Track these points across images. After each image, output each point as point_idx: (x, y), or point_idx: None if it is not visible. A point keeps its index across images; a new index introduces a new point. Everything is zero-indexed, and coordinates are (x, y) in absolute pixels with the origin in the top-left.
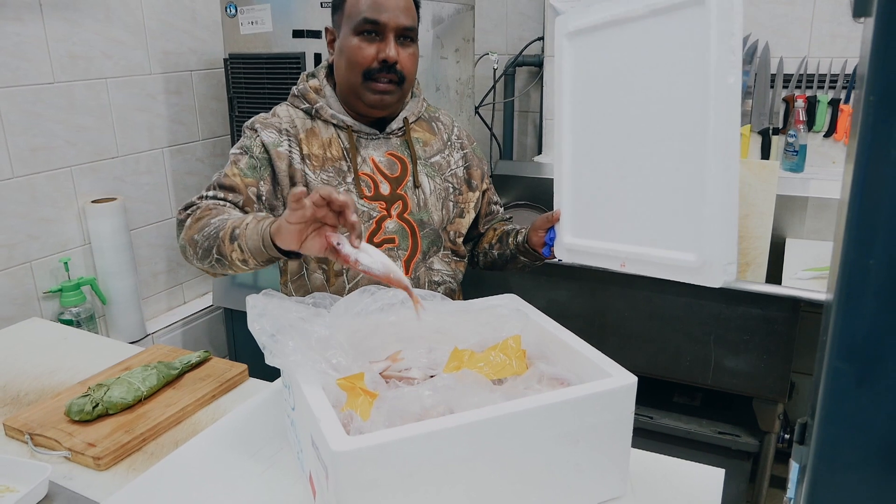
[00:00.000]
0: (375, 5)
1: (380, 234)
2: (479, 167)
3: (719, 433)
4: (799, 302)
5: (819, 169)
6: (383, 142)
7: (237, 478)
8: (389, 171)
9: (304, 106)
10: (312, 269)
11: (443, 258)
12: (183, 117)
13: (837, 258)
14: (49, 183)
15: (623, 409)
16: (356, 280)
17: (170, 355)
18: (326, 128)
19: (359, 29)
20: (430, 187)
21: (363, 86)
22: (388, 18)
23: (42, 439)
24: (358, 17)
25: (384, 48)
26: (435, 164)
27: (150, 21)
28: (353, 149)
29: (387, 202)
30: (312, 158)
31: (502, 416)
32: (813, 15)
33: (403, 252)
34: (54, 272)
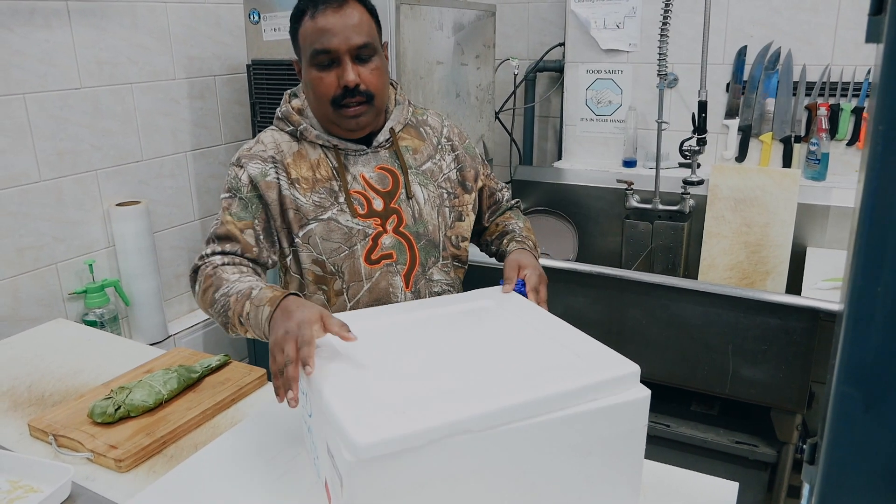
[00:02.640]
0: (322, 33)
1: (377, 251)
2: (471, 167)
3: (737, 443)
4: (818, 312)
5: (841, 177)
6: (372, 156)
7: (254, 482)
8: (381, 186)
9: (288, 129)
10: (312, 291)
11: (442, 268)
12: (206, 121)
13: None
14: (75, 186)
15: (636, 422)
16: (357, 298)
17: (190, 359)
18: (314, 149)
19: (313, 61)
20: (423, 196)
21: (335, 114)
22: (338, 43)
23: (65, 440)
24: (310, 50)
25: (343, 73)
26: (427, 172)
27: (174, 27)
28: (341, 168)
29: (381, 218)
30: (302, 181)
31: (514, 428)
32: (837, 22)
33: (402, 267)
34: (79, 274)
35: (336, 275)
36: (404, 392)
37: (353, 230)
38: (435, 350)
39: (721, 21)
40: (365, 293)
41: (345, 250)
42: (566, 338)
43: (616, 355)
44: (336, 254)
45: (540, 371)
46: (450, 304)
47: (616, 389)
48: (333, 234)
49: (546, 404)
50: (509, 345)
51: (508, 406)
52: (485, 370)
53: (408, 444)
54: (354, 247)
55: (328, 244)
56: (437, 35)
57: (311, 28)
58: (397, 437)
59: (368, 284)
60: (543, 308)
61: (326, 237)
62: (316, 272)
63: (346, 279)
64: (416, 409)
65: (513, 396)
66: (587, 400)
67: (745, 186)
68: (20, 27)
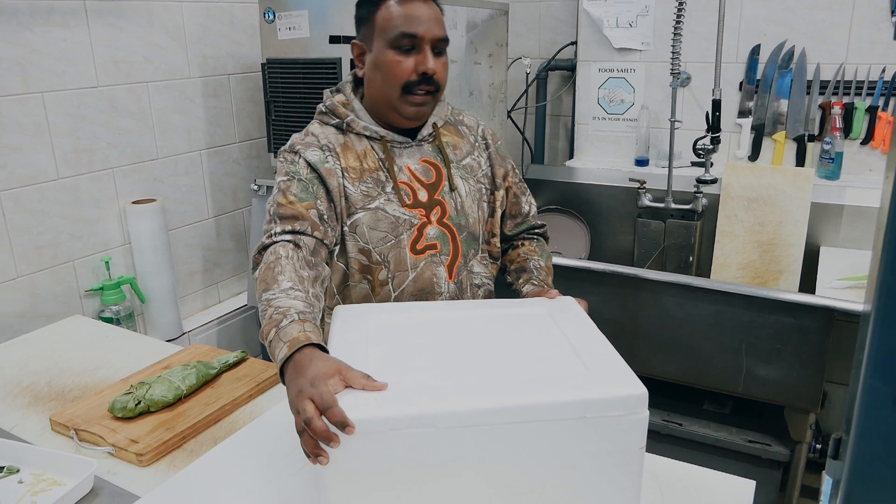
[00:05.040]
0: (411, 18)
1: (421, 240)
2: (501, 165)
3: (749, 442)
4: (833, 311)
5: (855, 176)
6: (416, 149)
7: (273, 475)
8: (425, 178)
9: (333, 122)
10: (357, 281)
11: (481, 260)
12: (220, 120)
13: (875, 273)
14: (92, 184)
15: (629, 442)
16: (402, 288)
17: (208, 355)
18: (359, 140)
19: (395, 43)
20: (465, 189)
21: (401, 99)
22: (424, 31)
23: (87, 434)
24: (394, 32)
25: (423, 61)
26: (467, 167)
27: (190, 26)
28: (389, 158)
29: (426, 209)
30: (350, 171)
31: (480, 430)
32: (851, 21)
33: (445, 257)
34: (96, 271)
35: (382, 264)
36: (397, 383)
37: (399, 219)
38: (451, 348)
39: (734, 19)
40: (410, 283)
41: (391, 239)
42: (589, 352)
43: (628, 375)
44: (382, 243)
45: (534, 379)
46: (499, 307)
47: (612, 409)
48: (380, 224)
49: (520, 412)
50: (528, 351)
51: (475, 408)
52: (484, 372)
53: (369, 428)
54: (401, 236)
55: (375, 233)
56: (450, 33)
57: (398, 12)
58: (359, 421)
59: (413, 274)
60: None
61: (374, 226)
62: (361, 261)
63: (391, 269)
64: (391, 399)
65: (484, 399)
66: (570, 414)
67: (758, 185)
68: (39, 26)
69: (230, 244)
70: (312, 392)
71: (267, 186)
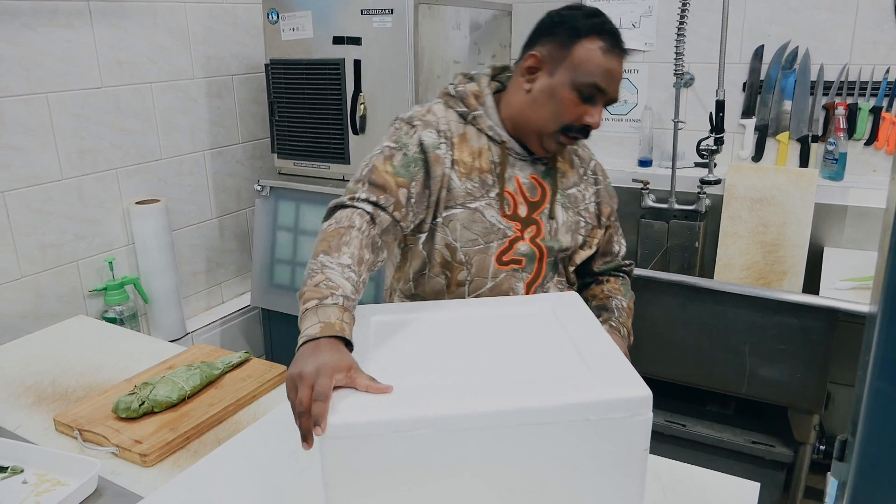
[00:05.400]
0: (608, 74)
1: (510, 253)
2: (608, 204)
3: (753, 443)
4: (837, 312)
5: (859, 177)
6: (530, 165)
7: (276, 475)
8: (531, 195)
9: (460, 109)
10: (435, 274)
11: (557, 284)
12: (224, 121)
13: (881, 274)
14: (96, 184)
15: (633, 444)
16: (478, 294)
17: (212, 355)
18: (479, 137)
19: (582, 88)
20: (562, 219)
21: (553, 135)
22: (612, 91)
23: (90, 435)
24: (587, 78)
25: (593, 115)
26: (571, 196)
27: (193, 27)
28: (503, 165)
29: (522, 224)
30: (461, 165)
31: (484, 432)
32: (855, 21)
33: (527, 275)
34: (99, 271)
35: (464, 265)
36: (400, 384)
37: (495, 227)
38: (454, 348)
39: (738, 20)
40: (486, 291)
41: (480, 244)
42: (592, 352)
43: (632, 377)
44: (471, 245)
45: (537, 380)
46: (507, 304)
47: (615, 411)
48: (475, 226)
49: (522, 414)
50: (532, 351)
51: (478, 411)
52: (487, 373)
53: (373, 430)
54: (491, 243)
55: (466, 233)
56: (454, 34)
57: (599, 62)
58: (363, 423)
59: (492, 283)
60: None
61: (467, 226)
62: (445, 256)
63: (472, 272)
64: (395, 400)
65: (487, 402)
66: (573, 416)
67: (761, 186)
68: (42, 27)
69: (233, 245)
70: (314, 380)
71: (271, 187)
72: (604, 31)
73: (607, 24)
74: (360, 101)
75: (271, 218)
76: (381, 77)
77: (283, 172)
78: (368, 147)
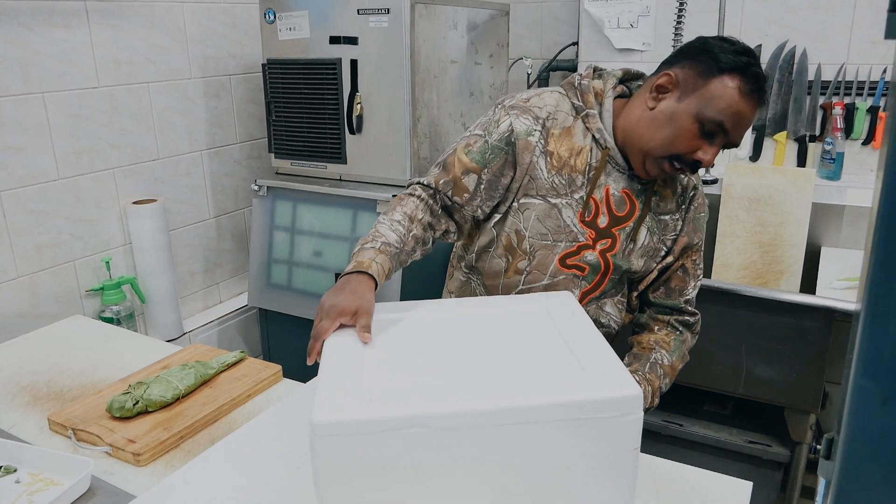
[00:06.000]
0: (737, 118)
1: (575, 258)
2: (687, 234)
3: (750, 442)
4: (833, 312)
5: (856, 177)
6: (627, 179)
7: (269, 475)
8: (617, 209)
9: (576, 102)
10: (499, 254)
11: (616, 303)
12: (221, 120)
13: (866, 272)
14: (92, 184)
15: (623, 443)
16: (531, 287)
17: (207, 355)
18: (585, 135)
19: (705, 122)
20: (643, 241)
21: (659, 160)
22: (735, 135)
23: (84, 434)
24: (715, 115)
25: (707, 153)
26: (662, 222)
27: (191, 27)
28: (599, 171)
29: (597, 234)
30: (554, 158)
31: (476, 431)
32: (853, 21)
33: (586, 284)
34: (96, 271)
35: (527, 256)
36: (391, 382)
37: (567, 228)
38: (447, 347)
39: (736, 20)
40: (540, 287)
41: (549, 240)
42: (585, 351)
43: (623, 376)
44: (539, 238)
45: (529, 380)
46: (502, 304)
47: (606, 410)
48: (549, 221)
49: (514, 413)
50: (524, 351)
51: (469, 410)
52: (479, 372)
53: (362, 428)
54: (559, 243)
55: (538, 225)
56: (451, 34)
57: (734, 102)
58: (351, 421)
59: (548, 282)
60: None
61: (541, 219)
62: (511, 240)
63: (532, 263)
64: (386, 399)
65: (478, 401)
66: (564, 415)
67: (759, 186)
68: (40, 27)
69: (231, 245)
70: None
71: (268, 187)
72: (748, 73)
73: (754, 66)
74: (356, 100)
75: (268, 218)
76: (377, 77)
77: (280, 172)
78: (365, 147)
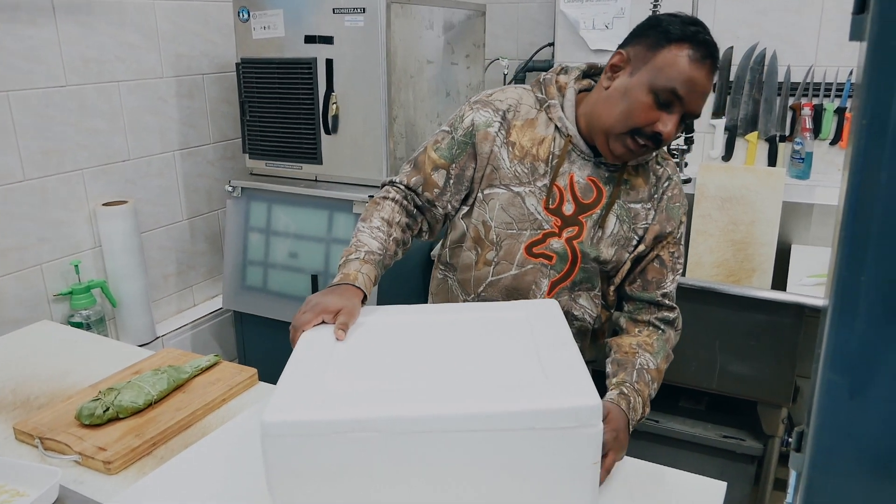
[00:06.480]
0: (690, 83)
1: (541, 247)
2: (660, 223)
3: (724, 437)
4: (804, 308)
5: (824, 176)
6: (593, 166)
7: (244, 479)
8: (583, 196)
9: (539, 95)
10: (469, 247)
11: (592, 298)
12: (194, 120)
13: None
14: (60, 186)
15: (581, 456)
16: (500, 278)
17: (180, 359)
18: (548, 126)
19: (658, 91)
20: (612, 230)
21: (620, 136)
22: (690, 100)
23: (52, 443)
24: (666, 82)
25: (666, 123)
26: (632, 211)
27: (163, 24)
28: (561, 158)
29: (563, 221)
30: (516, 147)
31: (426, 437)
32: (820, 24)
33: (554, 273)
34: (65, 275)
35: (494, 246)
36: (352, 384)
37: (531, 216)
38: (422, 352)
39: (708, 22)
40: (509, 277)
41: (514, 229)
42: (553, 359)
43: (584, 386)
44: (504, 227)
45: (487, 387)
46: (482, 310)
47: (562, 420)
48: (512, 209)
49: (464, 420)
50: (493, 358)
51: (419, 415)
52: (441, 378)
53: (312, 430)
54: (524, 231)
55: (503, 214)
56: (427, 34)
57: (684, 68)
58: (302, 422)
59: (516, 271)
60: (601, 475)
61: (505, 208)
62: (479, 232)
63: (500, 254)
64: (340, 401)
65: (430, 406)
66: (518, 424)
67: (731, 185)
68: (4, 23)
69: (204, 246)
70: (305, 310)
71: (242, 188)
72: (696, 41)
73: (702, 34)
74: (332, 100)
75: (243, 219)
76: (353, 76)
77: (254, 173)
78: (341, 147)
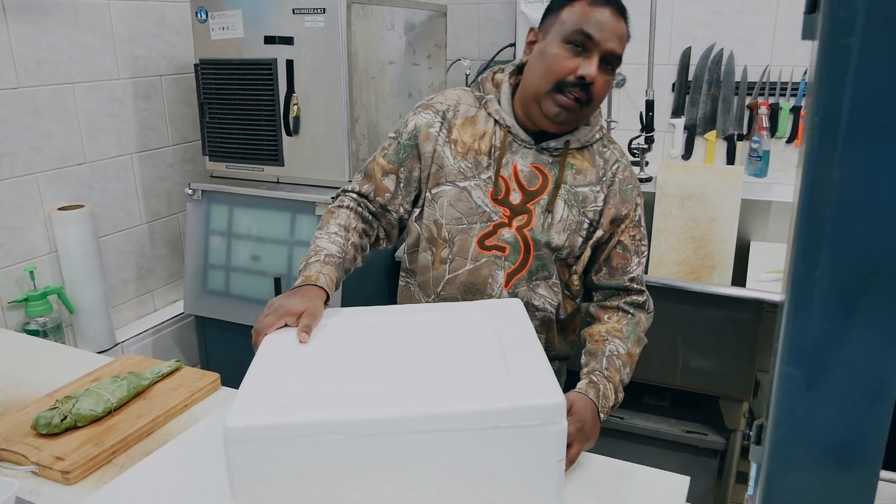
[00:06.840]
0: (595, 22)
1: (493, 238)
2: (615, 207)
3: (687, 432)
4: (762, 303)
5: (781, 174)
6: (534, 153)
7: (207, 486)
8: (528, 184)
9: (477, 93)
10: (424, 248)
11: (551, 286)
12: (152, 122)
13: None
14: (14, 190)
15: (546, 454)
16: (456, 274)
17: (140, 365)
18: (487, 121)
19: (568, 38)
20: (562, 215)
21: (549, 94)
22: (601, 38)
23: (8, 454)
24: (572, 27)
25: (587, 66)
26: (580, 195)
27: (118, 25)
28: (502, 149)
29: (511, 211)
30: (458, 145)
31: (392, 438)
32: (776, 25)
33: (509, 264)
34: (19, 281)
35: (447, 243)
36: (314, 387)
37: (479, 209)
38: (385, 354)
39: (666, 23)
40: (465, 273)
41: (464, 224)
42: (516, 359)
43: (548, 384)
44: (454, 223)
45: (450, 387)
46: (447, 311)
47: (526, 418)
48: (460, 204)
49: (427, 421)
50: (456, 358)
51: (381, 416)
52: (403, 379)
53: (274, 434)
54: (474, 224)
55: (452, 211)
56: (388, 35)
57: (587, 11)
58: (264, 427)
59: (471, 266)
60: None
61: (454, 204)
62: (432, 232)
63: (453, 251)
64: (302, 404)
65: (392, 408)
66: (482, 424)
67: (691, 183)
68: None
69: (165, 251)
70: (268, 313)
71: (203, 191)
72: None
73: None
74: (293, 101)
75: (204, 222)
76: (314, 77)
77: (215, 175)
78: (302, 148)
